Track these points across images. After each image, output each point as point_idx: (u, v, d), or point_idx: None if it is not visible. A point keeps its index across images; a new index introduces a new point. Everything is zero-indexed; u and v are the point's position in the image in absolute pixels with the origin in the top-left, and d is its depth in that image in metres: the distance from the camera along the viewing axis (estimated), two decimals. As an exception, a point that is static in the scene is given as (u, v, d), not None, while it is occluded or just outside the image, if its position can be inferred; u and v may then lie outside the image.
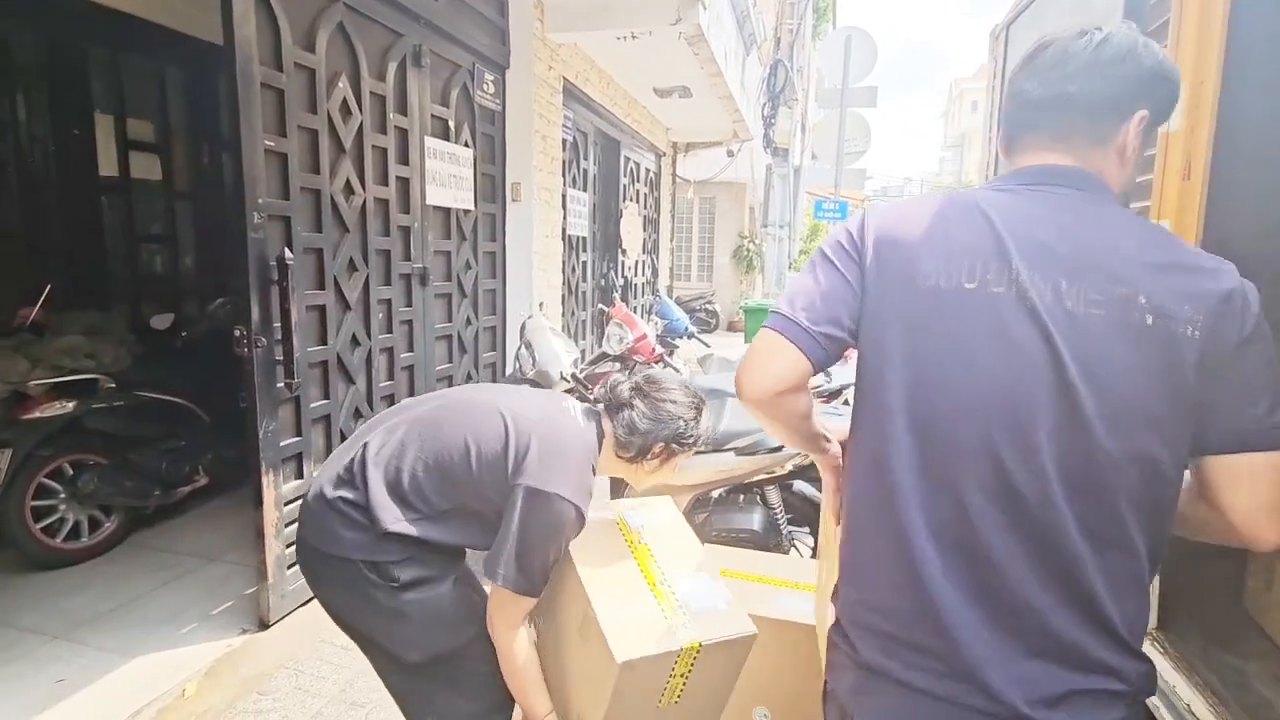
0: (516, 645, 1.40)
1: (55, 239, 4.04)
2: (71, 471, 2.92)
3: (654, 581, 1.50)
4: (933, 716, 0.84)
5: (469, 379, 4.02)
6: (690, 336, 5.21)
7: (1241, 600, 1.62)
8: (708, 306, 12.05)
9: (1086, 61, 0.86)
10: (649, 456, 1.46)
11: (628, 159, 6.90)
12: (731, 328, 12.22)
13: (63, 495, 2.90)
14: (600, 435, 1.47)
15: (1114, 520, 0.82)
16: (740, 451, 2.48)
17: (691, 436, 1.47)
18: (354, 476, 1.37)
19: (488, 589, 1.41)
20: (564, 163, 4.99)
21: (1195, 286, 0.81)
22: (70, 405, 2.81)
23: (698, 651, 1.36)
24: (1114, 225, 0.86)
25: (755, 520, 2.58)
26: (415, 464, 1.36)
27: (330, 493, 1.36)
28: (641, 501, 1.74)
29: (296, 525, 1.45)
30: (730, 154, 10.13)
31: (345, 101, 2.83)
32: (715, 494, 2.67)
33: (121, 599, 2.68)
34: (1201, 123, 1.34)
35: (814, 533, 2.70)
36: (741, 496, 2.68)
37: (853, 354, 0.95)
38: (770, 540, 2.55)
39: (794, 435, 1.01)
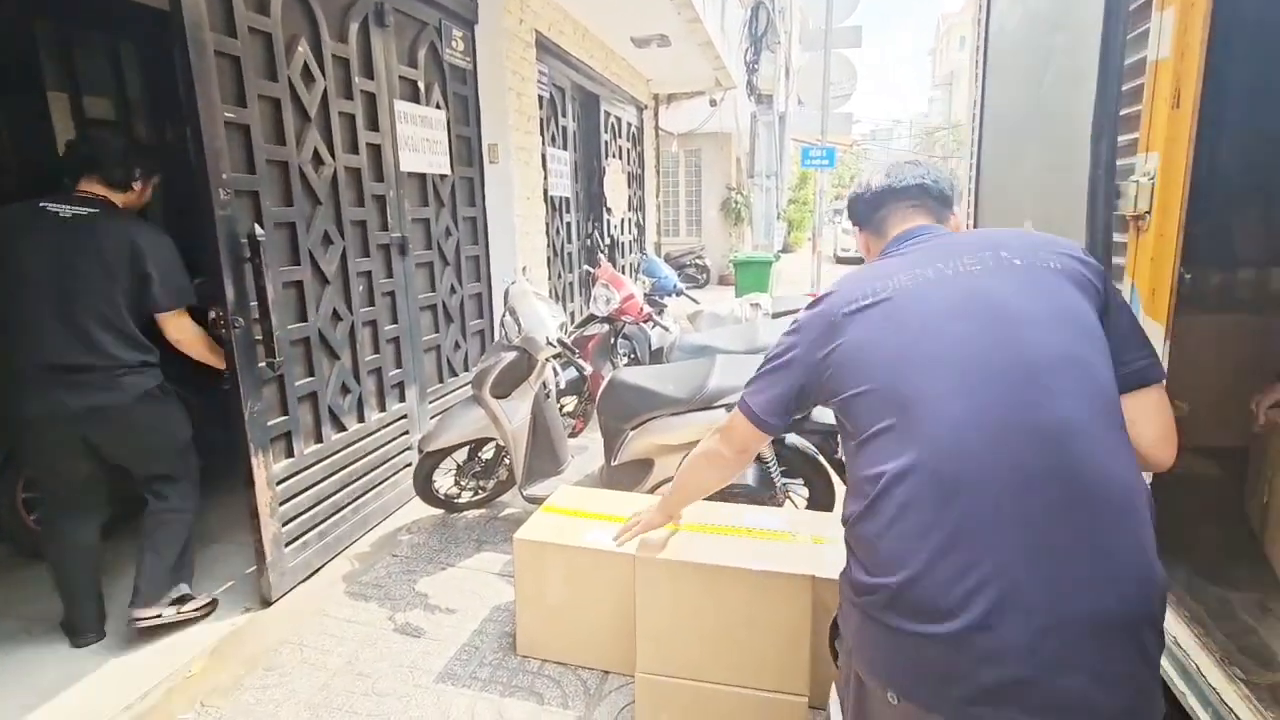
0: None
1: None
2: (60, 461, 2.89)
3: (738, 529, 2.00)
4: None
5: (456, 348, 3.99)
6: (679, 294, 5.15)
7: (1227, 532, 1.64)
8: (698, 261, 11.94)
9: None
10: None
11: (608, 114, 6.72)
12: (723, 281, 12.13)
13: (54, 485, 2.88)
14: None
15: None
16: (732, 408, 2.46)
17: None
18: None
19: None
20: (541, 120, 4.86)
21: None
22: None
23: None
24: None
25: (749, 475, 2.59)
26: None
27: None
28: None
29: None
30: (713, 103, 9.90)
31: (306, 66, 2.72)
32: (708, 451, 2.67)
33: (121, 584, 2.68)
34: (1191, 49, 1.29)
35: (808, 484, 2.71)
36: (734, 453, 2.68)
37: None
38: (764, 494, 2.56)
39: None
